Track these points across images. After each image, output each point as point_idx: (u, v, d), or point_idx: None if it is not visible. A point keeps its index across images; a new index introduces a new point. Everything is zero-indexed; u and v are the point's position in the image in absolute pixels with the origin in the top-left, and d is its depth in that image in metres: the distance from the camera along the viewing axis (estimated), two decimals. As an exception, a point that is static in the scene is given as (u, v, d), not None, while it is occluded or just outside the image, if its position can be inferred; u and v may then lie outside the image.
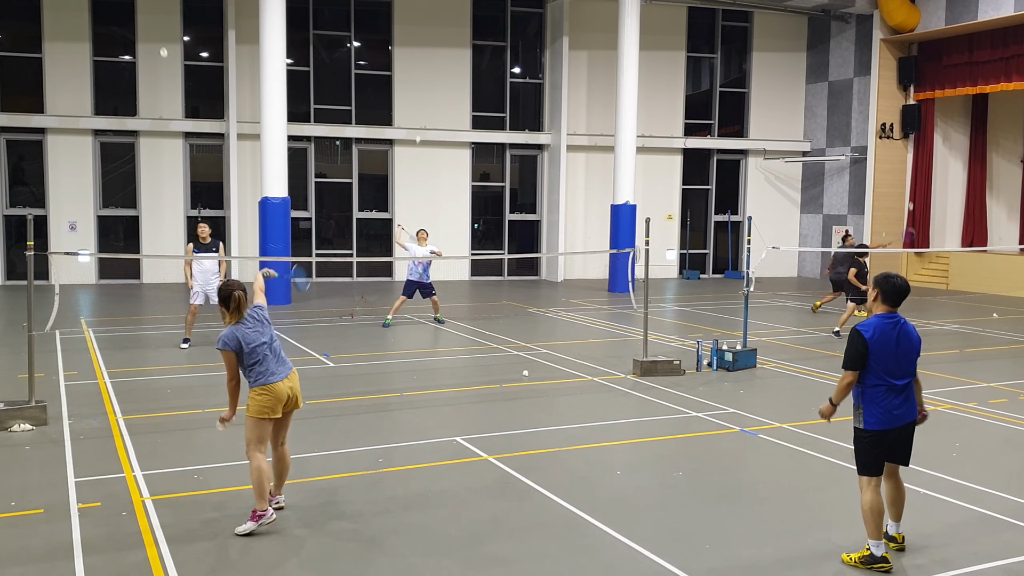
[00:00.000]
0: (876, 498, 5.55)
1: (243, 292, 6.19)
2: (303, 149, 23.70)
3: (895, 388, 5.55)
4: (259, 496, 6.03)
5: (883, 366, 5.53)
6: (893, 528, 5.85)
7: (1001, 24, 22.03)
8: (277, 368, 6.20)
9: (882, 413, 5.55)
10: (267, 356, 6.16)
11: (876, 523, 5.52)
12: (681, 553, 5.74)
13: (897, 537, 5.82)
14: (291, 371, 6.30)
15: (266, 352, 6.17)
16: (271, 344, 6.23)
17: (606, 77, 24.16)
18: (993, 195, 25.80)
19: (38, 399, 8.88)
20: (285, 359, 6.32)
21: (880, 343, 5.53)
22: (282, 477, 6.47)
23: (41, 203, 22.16)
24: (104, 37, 22.58)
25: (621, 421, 9.33)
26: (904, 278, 5.67)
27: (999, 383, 11.25)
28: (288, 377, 6.23)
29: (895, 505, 5.84)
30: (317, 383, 10.86)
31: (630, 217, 22.04)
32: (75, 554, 5.62)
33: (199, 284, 13.23)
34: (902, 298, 5.66)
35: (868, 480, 5.60)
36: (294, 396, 6.29)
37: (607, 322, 16.82)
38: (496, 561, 5.64)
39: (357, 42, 24.36)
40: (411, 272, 15.53)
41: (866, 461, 5.62)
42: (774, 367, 12.22)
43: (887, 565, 5.49)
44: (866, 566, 5.51)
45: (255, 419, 6.13)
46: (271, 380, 6.13)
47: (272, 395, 6.13)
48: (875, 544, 5.51)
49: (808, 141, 27.15)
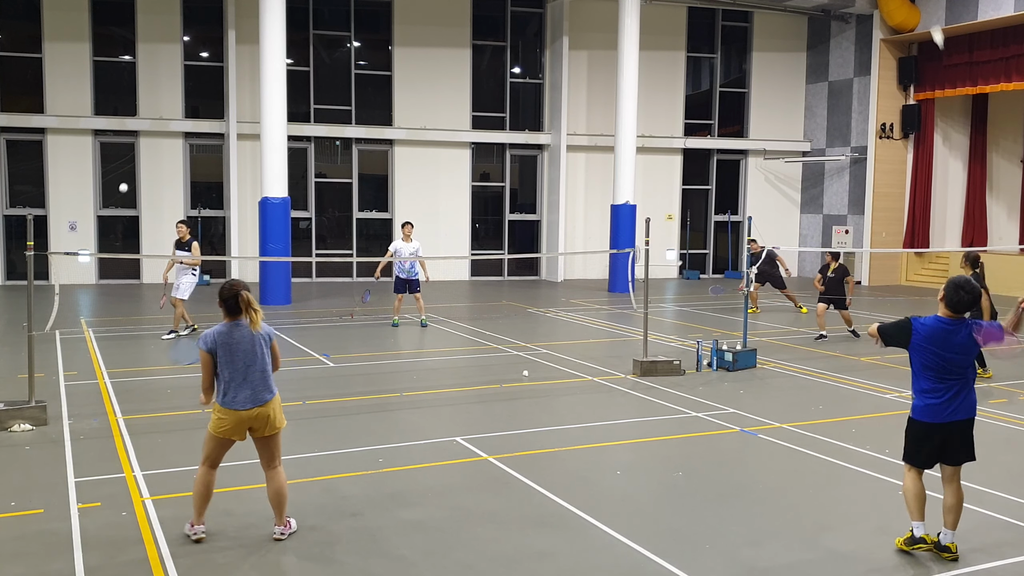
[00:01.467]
0: (914, 485, 5.72)
1: (247, 291, 5.83)
2: (303, 149, 23.71)
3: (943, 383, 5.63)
4: (194, 508, 5.83)
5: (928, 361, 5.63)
6: (947, 537, 5.69)
7: (1001, 24, 22.03)
8: (240, 396, 5.73)
9: (932, 406, 5.66)
10: (236, 379, 5.72)
11: (915, 506, 5.69)
12: (681, 553, 5.74)
13: (951, 547, 5.64)
14: (259, 405, 5.76)
15: (238, 375, 5.72)
16: (249, 368, 5.75)
17: (606, 77, 24.16)
18: (993, 195, 25.79)
19: (38, 399, 8.88)
20: (258, 394, 5.76)
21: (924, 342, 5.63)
22: (277, 505, 5.89)
23: (41, 203, 22.16)
24: (104, 37, 22.58)
25: (621, 421, 9.33)
26: (972, 293, 5.58)
27: (999, 383, 11.25)
28: (255, 410, 5.75)
29: (951, 512, 5.72)
30: (317, 383, 10.87)
31: (630, 217, 22.04)
32: (75, 554, 5.62)
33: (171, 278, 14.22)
34: (965, 309, 5.62)
35: (908, 467, 5.79)
36: (262, 424, 5.80)
37: (607, 322, 16.82)
38: (496, 561, 5.64)
39: (357, 42, 24.36)
40: (399, 269, 15.56)
41: (908, 450, 5.81)
42: (774, 367, 12.22)
43: (925, 546, 5.63)
44: (909, 547, 5.70)
45: (208, 434, 5.84)
46: (231, 405, 5.73)
47: (228, 418, 5.75)
48: (916, 525, 5.68)
49: (808, 141, 27.15)
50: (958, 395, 5.64)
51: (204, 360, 5.80)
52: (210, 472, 5.86)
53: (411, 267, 15.48)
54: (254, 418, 5.79)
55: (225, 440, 5.85)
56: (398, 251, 15.45)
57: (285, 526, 5.93)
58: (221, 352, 5.76)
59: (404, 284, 15.56)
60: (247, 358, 5.76)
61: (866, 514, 6.15)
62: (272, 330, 5.99)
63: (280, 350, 6.14)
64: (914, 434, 5.76)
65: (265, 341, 5.87)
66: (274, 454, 5.93)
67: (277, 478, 5.91)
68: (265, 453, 5.94)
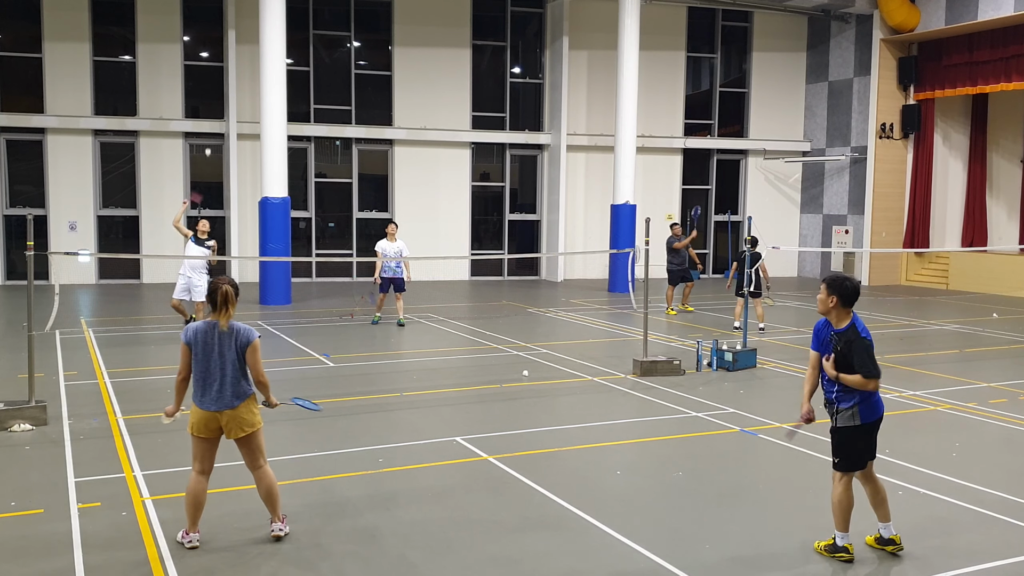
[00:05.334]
0: (847, 494, 5.68)
1: (232, 288, 5.72)
2: (303, 149, 23.70)
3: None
4: (187, 517, 5.73)
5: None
6: (887, 531, 5.76)
7: (1001, 24, 22.02)
8: (204, 396, 5.69)
9: (876, 403, 5.67)
10: (202, 377, 5.67)
11: (843, 516, 5.67)
12: (681, 553, 5.74)
13: (895, 539, 5.75)
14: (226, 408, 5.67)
15: (203, 372, 5.67)
16: (215, 370, 5.65)
17: (606, 77, 24.16)
18: (993, 195, 25.79)
19: (38, 399, 8.88)
20: (225, 398, 5.66)
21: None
22: (268, 501, 5.87)
23: (41, 203, 22.16)
24: (104, 37, 22.58)
25: (621, 421, 9.33)
26: (854, 280, 5.66)
27: (999, 383, 11.24)
28: (222, 412, 5.69)
29: (881, 505, 5.77)
30: (317, 383, 10.87)
31: (630, 217, 22.04)
32: (75, 554, 5.62)
33: (184, 278, 13.84)
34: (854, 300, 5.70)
35: (844, 476, 5.70)
36: (231, 427, 5.71)
37: (607, 322, 16.82)
38: (496, 561, 5.64)
39: (357, 42, 24.36)
40: (385, 268, 15.72)
41: (854, 456, 5.68)
42: (774, 367, 12.22)
43: (847, 555, 5.63)
44: (830, 554, 5.68)
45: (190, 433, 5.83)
46: (198, 403, 5.72)
47: (195, 416, 5.72)
48: (840, 535, 5.68)
49: (808, 141, 27.15)
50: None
51: (182, 351, 5.75)
52: (200, 479, 5.77)
53: (397, 266, 15.75)
54: (222, 420, 5.70)
55: (200, 440, 5.75)
56: (384, 251, 15.66)
57: (282, 522, 5.91)
58: (196, 348, 5.70)
59: (388, 282, 15.79)
60: (219, 360, 5.66)
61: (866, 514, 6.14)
62: (252, 336, 5.73)
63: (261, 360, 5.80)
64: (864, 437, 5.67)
65: (239, 346, 5.68)
66: (255, 455, 5.83)
67: (265, 478, 5.85)
68: (246, 455, 5.86)
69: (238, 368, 5.71)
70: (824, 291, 5.64)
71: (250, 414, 5.79)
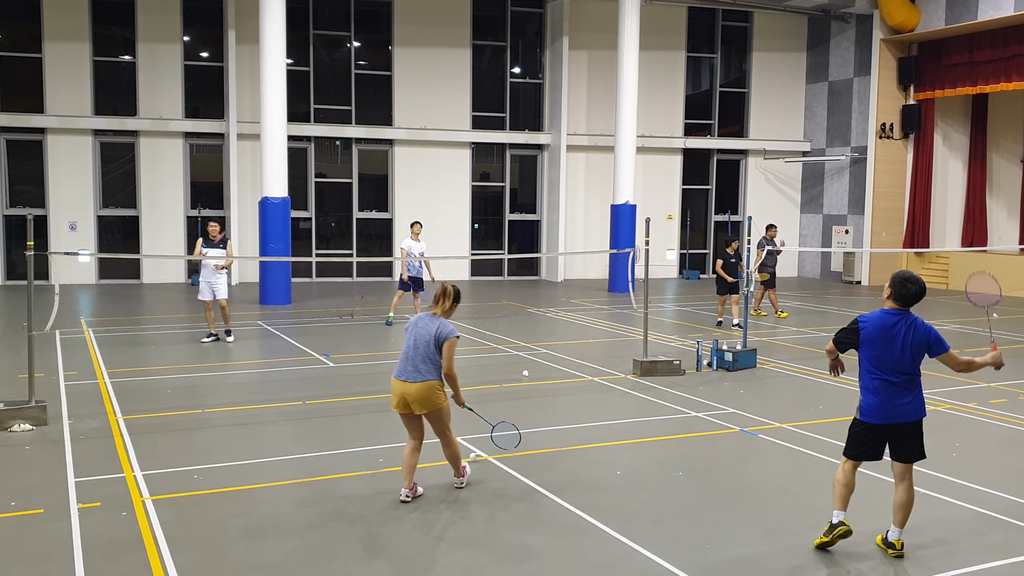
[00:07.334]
0: (847, 476, 5.79)
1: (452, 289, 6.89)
2: (303, 149, 23.70)
3: (890, 383, 5.64)
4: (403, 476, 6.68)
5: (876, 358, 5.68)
6: (895, 534, 5.75)
7: (1001, 24, 22.03)
8: (401, 368, 6.63)
9: (878, 406, 5.66)
10: (404, 354, 6.64)
11: (839, 494, 5.77)
12: (681, 553, 5.74)
13: (896, 544, 5.72)
14: (410, 380, 6.54)
15: (406, 351, 6.65)
16: (411, 346, 6.64)
17: (606, 77, 24.16)
18: (993, 195, 25.80)
19: (38, 399, 8.88)
20: (414, 367, 6.58)
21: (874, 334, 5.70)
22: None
23: (41, 203, 22.16)
24: (104, 37, 22.58)
25: (621, 421, 9.33)
26: (918, 284, 5.65)
27: (999, 383, 11.24)
28: (403, 382, 6.57)
29: (901, 509, 5.74)
30: (317, 383, 10.87)
31: (630, 217, 22.04)
32: (75, 554, 5.61)
33: (205, 280, 13.57)
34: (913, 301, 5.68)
35: (845, 460, 5.87)
36: (407, 400, 6.56)
37: (607, 322, 16.82)
38: (496, 561, 5.64)
39: (357, 42, 24.36)
40: (409, 267, 15.72)
41: (852, 445, 5.86)
42: (774, 367, 12.22)
43: (843, 528, 5.69)
44: (828, 535, 5.74)
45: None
46: (395, 374, 6.66)
47: (392, 389, 6.66)
48: (834, 513, 5.77)
49: (808, 141, 27.15)
50: (904, 395, 5.63)
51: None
52: (408, 443, 6.72)
53: (419, 265, 15.75)
54: (402, 392, 6.58)
55: (401, 416, 6.72)
56: (410, 250, 15.64)
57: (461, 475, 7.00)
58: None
59: (409, 282, 15.73)
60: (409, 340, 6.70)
61: (865, 514, 6.15)
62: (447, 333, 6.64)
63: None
64: (859, 434, 5.78)
65: (433, 336, 6.63)
66: (438, 431, 6.77)
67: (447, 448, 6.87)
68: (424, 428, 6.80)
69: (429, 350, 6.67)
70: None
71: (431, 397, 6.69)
